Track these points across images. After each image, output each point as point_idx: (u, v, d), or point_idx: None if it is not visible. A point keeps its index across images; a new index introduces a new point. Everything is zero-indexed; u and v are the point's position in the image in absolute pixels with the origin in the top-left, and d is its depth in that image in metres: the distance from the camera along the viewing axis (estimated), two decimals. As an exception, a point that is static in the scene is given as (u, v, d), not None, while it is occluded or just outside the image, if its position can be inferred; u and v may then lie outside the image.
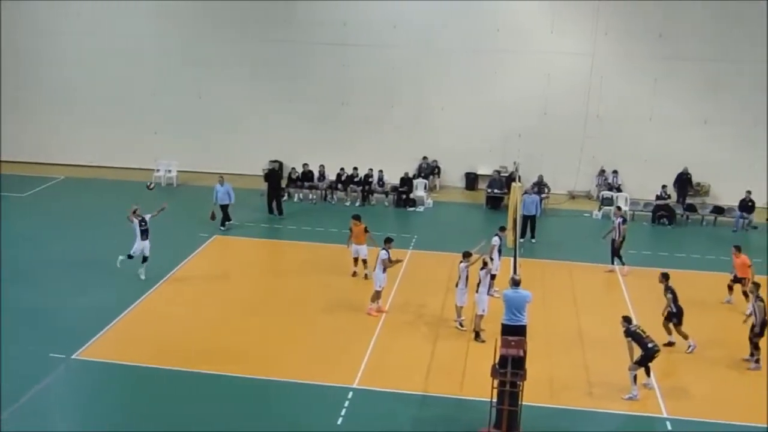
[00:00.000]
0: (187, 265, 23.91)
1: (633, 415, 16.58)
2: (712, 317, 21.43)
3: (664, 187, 31.30)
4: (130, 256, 22.32)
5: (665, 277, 19.67)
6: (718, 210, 31.04)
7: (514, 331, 15.77)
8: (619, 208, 26.90)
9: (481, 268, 19.71)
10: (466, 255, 19.98)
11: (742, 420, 16.39)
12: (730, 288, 22.33)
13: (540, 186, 31.53)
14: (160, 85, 34.79)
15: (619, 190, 32.34)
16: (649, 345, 16.92)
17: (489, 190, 31.96)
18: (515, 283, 16.66)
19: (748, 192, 30.16)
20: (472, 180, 34.38)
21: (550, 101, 33.06)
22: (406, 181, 32.10)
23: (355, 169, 32.28)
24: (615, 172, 32.92)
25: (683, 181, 31.88)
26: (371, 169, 32.24)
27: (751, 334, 18.60)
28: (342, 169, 32.37)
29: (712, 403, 17.06)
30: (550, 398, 16.89)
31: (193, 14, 34.07)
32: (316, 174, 32.50)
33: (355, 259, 23.66)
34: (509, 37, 32.94)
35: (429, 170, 33.92)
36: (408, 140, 34.02)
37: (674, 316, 19.30)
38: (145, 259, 22.49)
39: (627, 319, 17.39)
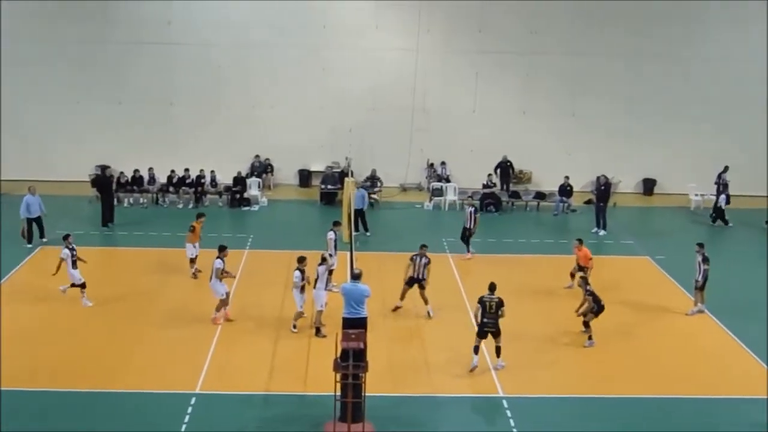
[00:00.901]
0: (11, 280, 22.73)
1: (471, 396, 17.25)
2: (537, 298, 22.52)
3: (489, 175, 32.67)
4: (74, 285, 21.18)
5: (424, 246, 21.29)
6: (540, 196, 32.69)
7: (354, 324, 16.02)
8: (471, 197, 27.84)
9: (320, 264, 19.92)
10: (324, 259, 20.13)
11: (575, 392, 17.44)
12: (572, 275, 23.18)
13: (373, 180, 32.18)
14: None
15: (447, 180, 33.42)
16: (484, 320, 17.88)
17: (323, 186, 32.26)
18: (354, 277, 17.01)
19: (566, 177, 31.92)
20: (305, 177, 34.56)
21: (378, 96, 33.71)
22: (240, 181, 31.86)
23: (187, 170, 31.69)
24: (443, 163, 34.00)
25: (504, 169, 33.36)
26: (203, 170, 31.77)
27: (591, 310, 19.64)
28: (173, 171, 31.70)
29: (545, 378, 18.01)
30: (392, 387, 17.28)
31: (7, 12, 32.27)
32: (146, 177, 31.69)
33: (192, 260, 23.33)
34: (336, 34, 33.34)
35: (262, 169, 33.81)
36: (239, 139, 33.76)
37: (416, 282, 20.90)
38: (84, 285, 21.26)
39: (490, 287, 18.18)
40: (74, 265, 21.21)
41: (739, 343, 19.99)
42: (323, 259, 20.16)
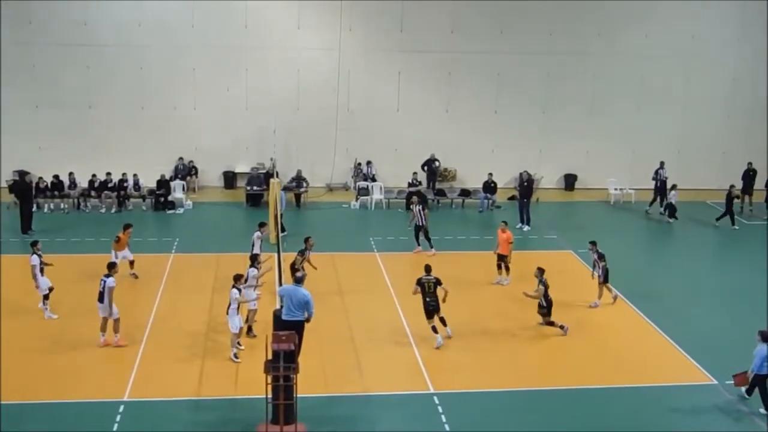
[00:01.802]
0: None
1: (403, 394, 17.40)
2: (464, 294, 22.72)
3: (414, 174, 32.93)
4: (46, 297, 20.64)
5: (309, 238, 22.53)
6: (465, 193, 33.07)
7: (291, 327, 16.07)
8: (416, 195, 27.93)
9: (251, 266, 19.87)
10: (237, 278, 19.17)
11: (504, 386, 17.75)
12: (499, 267, 23.65)
13: (299, 180, 32.14)
14: None
15: (373, 179, 33.56)
16: (427, 299, 19.29)
17: (248, 188, 32.04)
18: (297, 280, 17.37)
19: (490, 174, 32.39)
20: (230, 178, 34.26)
21: (302, 96, 33.64)
22: (163, 184, 31.44)
23: (109, 174, 31.09)
24: (369, 162, 34.12)
25: (431, 167, 33.65)
26: (125, 174, 31.23)
27: (541, 312, 20.12)
28: (94, 175, 31.06)
29: (474, 374, 18.28)
30: (324, 388, 17.34)
31: None
32: (66, 182, 31.00)
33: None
34: (258, 34, 33.13)
35: (186, 171, 33.40)
36: (162, 141, 33.25)
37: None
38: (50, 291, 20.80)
39: (426, 269, 19.72)
40: (42, 271, 20.77)
41: (659, 332, 20.63)
42: (255, 260, 20.12)
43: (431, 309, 19.22)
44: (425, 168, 33.53)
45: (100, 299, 18.94)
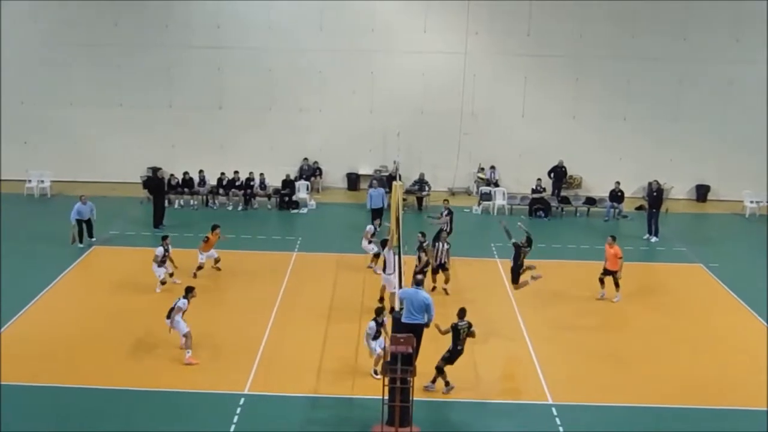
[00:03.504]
0: (66, 278, 23.15)
1: (520, 403, 17.07)
2: (587, 305, 22.22)
3: (539, 180, 32.37)
4: (163, 282, 22.48)
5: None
6: (591, 201, 32.29)
7: (411, 330, 16.02)
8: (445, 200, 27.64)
9: (383, 248, 20.87)
10: (379, 312, 17.96)
11: (625, 401, 17.16)
12: (602, 281, 22.61)
13: (421, 184, 32.15)
14: (27, 93, 33.43)
15: (496, 185, 33.22)
16: (458, 347, 17.21)
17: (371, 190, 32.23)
18: (417, 283, 17.21)
19: (617, 183, 31.51)
20: (353, 180, 34.61)
21: (426, 99, 33.66)
22: (288, 184, 32.05)
23: (236, 173, 31.95)
24: (492, 167, 33.80)
25: (558, 174, 33.03)
26: (252, 173, 32.01)
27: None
28: (222, 173, 31.99)
29: (594, 386, 17.75)
30: (440, 392, 17.19)
31: (62, 17, 32.96)
32: (196, 179, 32.02)
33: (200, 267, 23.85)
34: (384, 37, 33.37)
35: (310, 172, 33.95)
36: (288, 142, 33.96)
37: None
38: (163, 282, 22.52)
39: (459, 314, 17.43)
40: (162, 264, 22.43)
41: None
42: (384, 242, 21.03)
43: (457, 357, 17.27)
44: (551, 174, 32.93)
45: (168, 315, 18.62)
